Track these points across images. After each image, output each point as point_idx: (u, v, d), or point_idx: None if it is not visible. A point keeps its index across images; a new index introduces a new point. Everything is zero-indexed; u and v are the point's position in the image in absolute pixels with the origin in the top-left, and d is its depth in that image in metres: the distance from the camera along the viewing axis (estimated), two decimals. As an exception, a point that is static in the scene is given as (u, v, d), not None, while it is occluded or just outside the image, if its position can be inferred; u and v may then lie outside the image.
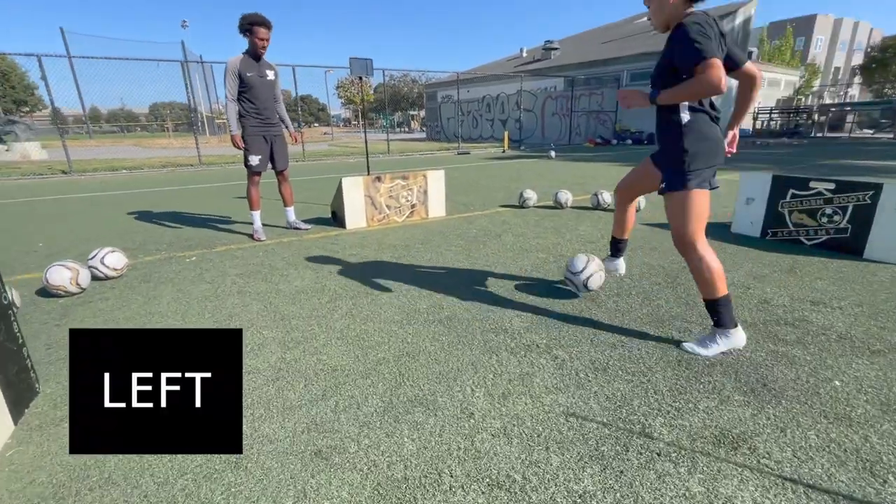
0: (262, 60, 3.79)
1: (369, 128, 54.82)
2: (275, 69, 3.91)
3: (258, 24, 3.59)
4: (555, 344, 2.05)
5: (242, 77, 3.67)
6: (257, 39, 3.63)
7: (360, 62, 4.82)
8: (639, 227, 4.19)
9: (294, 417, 1.56)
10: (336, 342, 2.10)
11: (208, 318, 2.39)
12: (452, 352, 1.99)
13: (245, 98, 3.75)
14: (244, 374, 1.84)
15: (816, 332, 2.11)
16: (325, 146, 21.00)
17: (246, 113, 3.77)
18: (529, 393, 1.68)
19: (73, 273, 2.65)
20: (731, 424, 1.49)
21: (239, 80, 3.68)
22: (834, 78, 44.77)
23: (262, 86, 3.79)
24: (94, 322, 2.36)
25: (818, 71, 36.13)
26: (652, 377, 1.77)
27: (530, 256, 3.38)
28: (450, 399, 1.66)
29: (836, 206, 3.28)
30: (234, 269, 3.19)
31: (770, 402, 1.60)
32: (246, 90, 3.72)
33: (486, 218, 4.82)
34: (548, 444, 1.41)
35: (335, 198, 4.57)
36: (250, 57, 3.72)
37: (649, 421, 1.51)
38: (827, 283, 2.73)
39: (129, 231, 4.50)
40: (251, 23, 3.58)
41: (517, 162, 12.03)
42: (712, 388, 1.69)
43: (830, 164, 9.92)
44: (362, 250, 3.65)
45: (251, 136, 3.83)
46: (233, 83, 3.67)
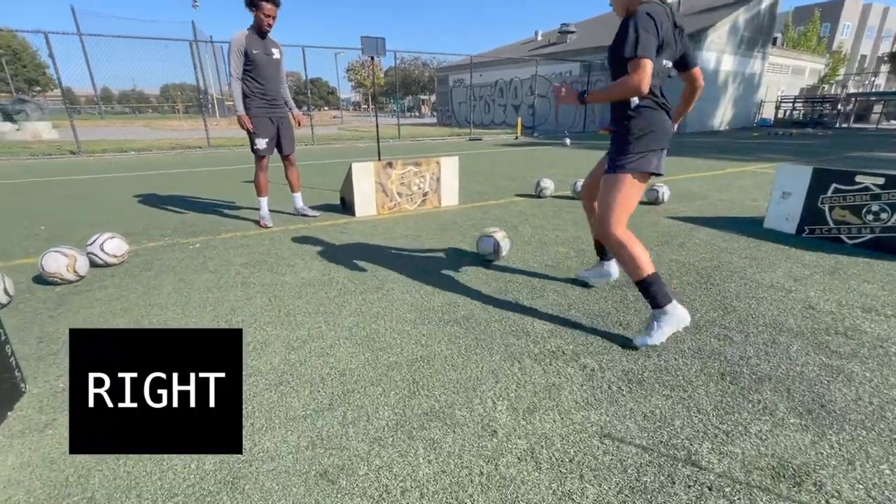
0: (268, 38, 3.59)
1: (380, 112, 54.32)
2: (280, 48, 3.71)
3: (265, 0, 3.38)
4: (582, 351, 1.87)
5: (248, 54, 3.46)
6: (263, 15, 3.42)
7: (372, 41, 4.58)
8: (664, 222, 3.97)
9: (298, 430, 1.42)
10: (344, 342, 1.95)
11: (209, 312, 2.25)
12: (471, 357, 1.83)
13: (250, 77, 3.55)
14: (245, 376, 1.69)
15: (872, 345, 1.91)
16: (334, 130, 20.75)
17: (251, 93, 3.56)
18: (558, 408, 1.52)
19: (69, 260, 2.52)
20: (790, 453, 1.31)
21: (244, 58, 3.47)
22: (860, 66, 43.15)
23: (269, 64, 3.59)
24: (90, 313, 2.23)
25: (845, 59, 34.78)
26: (693, 393, 1.59)
27: (550, 251, 3.19)
28: (469, 413, 1.50)
29: (885, 202, 3.03)
30: (238, 258, 3.04)
31: (831, 426, 1.42)
32: (251, 68, 3.52)
33: (502, 208, 4.62)
34: (581, 472, 1.25)
35: (344, 184, 4.39)
36: (255, 33, 3.51)
37: (695, 446, 1.34)
38: (876, 287, 2.51)
39: (133, 215, 4.37)
40: None
41: (531, 149, 11.72)
42: (763, 408, 1.51)
43: (861, 156, 9.49)
44: (373, 240, 3.48)
45: (257, 117, 3.63)
46: (238, 60, 3.46)
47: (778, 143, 13.38)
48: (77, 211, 4.59)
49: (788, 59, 24.62)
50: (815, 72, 27.28)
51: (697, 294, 2.43)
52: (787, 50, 26.09)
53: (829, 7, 40.40)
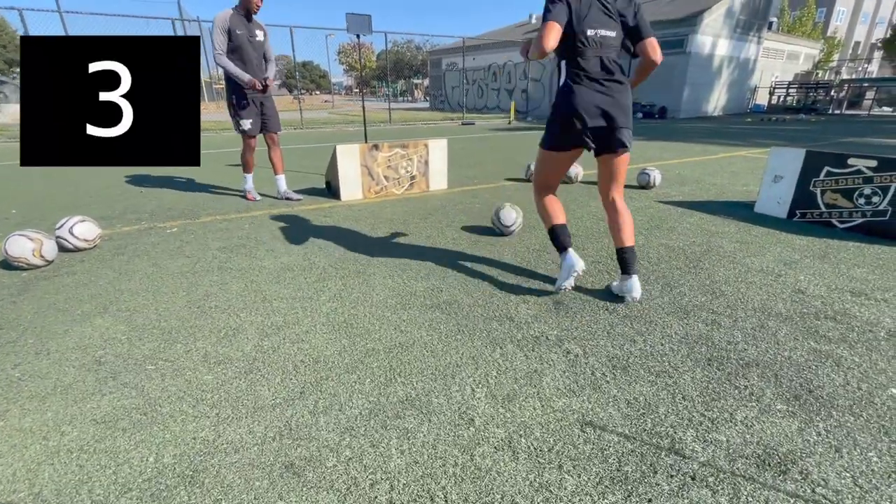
0: (254, 20, 3.57)
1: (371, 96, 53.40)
2: (264, 29, 3.69)
3: None
4: (567, 336, 1.81)
5: (231, 34, 3.44)
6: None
7: (357, 19, 4.39)
8: (655, 206, 3.91)
9: (266, 420, 1.35)
10: (321, 328, 1.88)
11: (182, 297, 2.16)
12: (451, 343, 1.77)
13: (233, 59, 3.49)
14: (214, 364, 1.62)
15: (862, 329, 1.87)
16: (324, 114, 20.37)
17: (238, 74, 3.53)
18: (538, 395, 1.46)
19: (35, 244, 2.41)
20: (776, 441, 1.26)
21: (228, 37, 3.42)
22: (854, 53, 43.01)
23: (252, 46, 3.57)
24: (55, 299, 2.13)
25: (839, 44, 34.63)
26: (679, 378, 1.55)
27: (537, 234, 3.12)
28: (447, 400, 1.44)
29: (877, 185, 2.99)
30: (216, 242, 2.94)
31: (819, 412, 1.38)
32: (235, 49, 3.48)
33: (491, 192, 4.53)
34: (561, 462, 1.19)
35: (329, 167, 4.27)
36: (242, 14, 3.49)
37: (679, 434, 1.29)
38: (866, 270, 2.47)
39: (112, 198, 4.23)
40: None
41: (524, 134, 11.58)
42: (749, 394, 1.47)
43: (854, 141, 9.47)
44: (356, 224, 3.38)
45: (241, 98, 3.60)
46: (222, 38, 3.42)
47: (771, 128, 13.33)
48: (54, 194, 4.43)
49: (783, 45, 24.44)
50: (810, 57, 27.15)
51: (686, 278, 2.38)
52: (782, 35, 25.88)
53: (826, -9, 40.02)
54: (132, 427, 1.31)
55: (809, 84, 23.04)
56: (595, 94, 1.87)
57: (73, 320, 1.93)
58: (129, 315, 1.98)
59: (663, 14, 18.28)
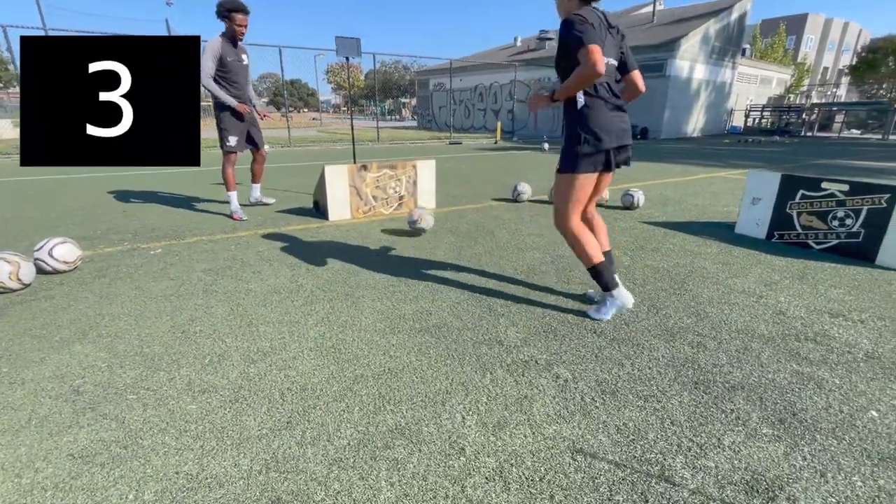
0: (239, 45, 3.85)
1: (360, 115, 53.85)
2: (247, 53, 3.98)
3: (236, 11, 3.62)
4: (556, 360, 1.82)
5: (223, 61, 3.72)
6: (236, 26, 3.67)
7: (346, 42, 4.48)
8: (639, 227, 3.99)
9: (252, 452, 1.31)
10: (308, 354, 1.85)
11: (166, 322, 2.11)
12: (441, 368, 1.76)
13: (224, 81, 3.81)
14: (198, 392, 1.58)
15: (841, 350, 1.92)
16: (312, 132, 20.44)
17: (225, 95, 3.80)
18: (529, 422, 1.46)
19: (13, 267, 2.34)
20: (763, 466, 1.28)
21: (219, 64, 3.71)
22: (822, 78, 45.13)
23: (240, 70, 3.86)
24: (31, 325, 2.07)
25: (809, 70, 36.32)
26: (667, 403, 1.56)
27: (526, 256, 3.15)
28: (437, 429, 1.42)
29: (850, 208, 3.10)
30: (201, 264, 2.90)
31: (803, 436, 1.40)
32: (225, 73, 3.77)
33: (479, 212, 4.57)
34: (552, 492, 1.19)
35: (317, 187, 4.27)
36: (228, 41, 3.74)
37: (668, 460, 1.30)
38: (842, 291, 2.55)
39: (93, 218, 4.15)
40: (229, 9, 3.61)
41: (510, 154, 11.78)
42: (736, 418, 1.48)
43: (825, 163, 9.85)
44: (345, 245, 3.38)
45: (229, 117, 3.83)
46: (211, 64, 3.68)
47: (747, 150, 13.80)
48: (33, 214, 4.33)
49: (756, 70, 25.53)
50: (782, 82, 28.38)
51: (671, 300, 2.42)
52: (755, 60, 27.06)
53: (794, 20, 42.14)
54: (111, 462, 1.27)
55: (782, 108, 24.07)
56: (614, 115, 1.95)
57: (51, 347, 1.87)
58: (110, 341, 1.93)
59: (643, 40, 18.98)
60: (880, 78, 22.71)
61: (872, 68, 22.62)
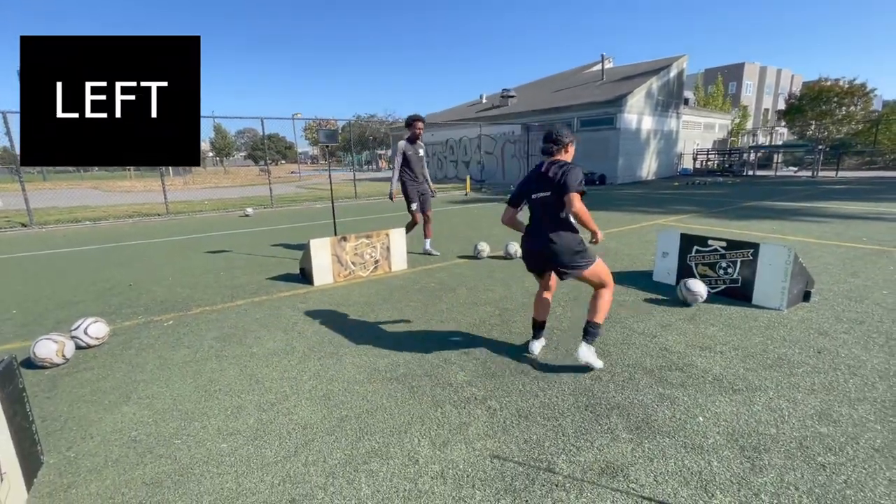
0: (417, 142, 5.75)
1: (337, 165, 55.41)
2: (423, 147, 5.92)
3: (416, 121, 5.64)
4: (490, 395, 2.48)
5: (405, 156, 5.66)
6: (416, 130, 5.67)
7: (327, 132, 5.43)
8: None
9: (271, 472, 1.91)
10: (305, 402, 2.46)
11: (190, 384, 2.69)
12: (405, 407, 2.39)
13: (407, 168, 5.70)
14: (226, 435, 2.17)
15: (698, 375, 2.65)
16: (293, 188, 21.27)
17: (407, 178, 5.73)
18: (465, 440, 2.10)
19: (59, 346, 2.90)
20: (615, 458, 1.95)
21: (403, 158, 5.65)
22: (765, 119, 49.44)
23: (416, 159, 5.75)
24: (82, 392, 2.62)
25: (748, 114, 39.98)
26: (563, 421, 2.23)
27: (479, 310, 3.86)
28: (400, 449, 2.05)
29: (729, 260, 3.96)
30: (210, 333, 3.49)
31: (648, 437, 2.09)
32: (408, 164, 5.68)
33: (445, 270, 5.30)
34: (474, 483, 1.82)
35: (304, 257, 4.94)
36: (409, 141, 5.70)
37: (554, 459, 1.96)
38: (717, 328, 3.32)
39: (103, 293, 4.68)
40: (413, 120, 5.64)
41: (477, 207, 12.75)
42: (607, 428, 2.16)
43: (755, 205, 11.14)
44: (329, 309, 4.02)
45: (411, 191, 5.75)
46: (399, 159, 5.68)
47: (691, 192, 15.23)
48: (44, 291, 4.83)
49: (700, 117, 28.18)
50: (724, 126, 31.23)
51: (586, 343, 3.13)
52: (698, 109, 29.87)
53: (733, 68, 46.69)
54: (175, 486, 1.84)
55: (725, 150, 26.51)
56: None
57: (104, 409, 2.43)
58: (150, 402, 2.50)
59: (594, 96, 21.00)
60: (807, 120, 25.36)
61: (800, 112, 25.31)
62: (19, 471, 1.76)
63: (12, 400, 1.80)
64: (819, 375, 2.59)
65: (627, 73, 23.61)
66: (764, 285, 3.74)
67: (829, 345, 2.99)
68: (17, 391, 1.86)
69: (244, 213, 11.85)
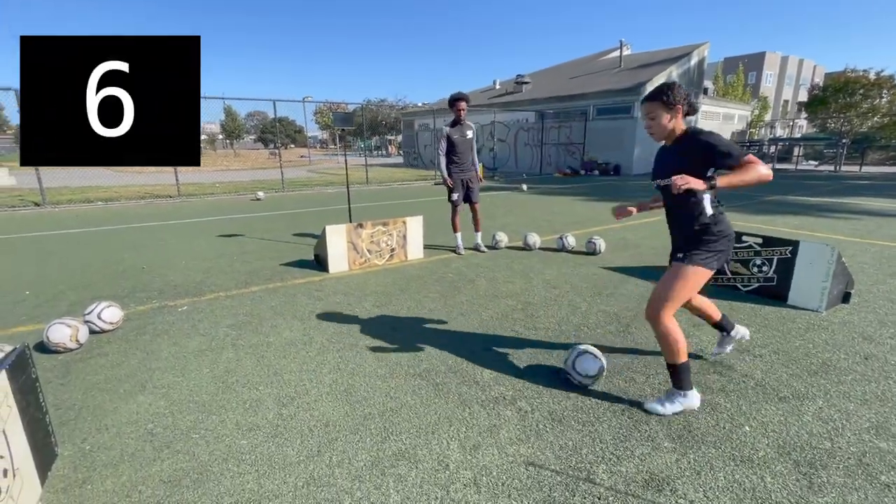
0: (463, 123, 5.17)
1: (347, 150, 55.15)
2: (473, 128, 5.30)
3: (458, 100, 5.06)
4: (519, 395, 2.36)
5: (450, 140, 5.13)
6: (458, 111, 5.07)
7: (342, 116, 5.23)
8: (599, 273, 4.61)
9: (294, 473, 1.81)
10: (326, 397, 2.36)
11: (206, 374, 2.60)
12: (430, 406, 2.28)
13: (453, 154, 5.17)
14: (245, 430, 2.07)
15: (738, 380, 2.50)
16: (304, 172, 21.15)
17: (450, 163, 5.23)
18: (496, 444, 1.98)
19: (72, 330, 2.82)
20: (659, 469, 1.82)
21: (448, 142, 5.14)
22: (784, 110, 48.18)
23: (462, 143, 5.20)
24: (97, 379, 2.54)
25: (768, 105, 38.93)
26: (599, 426, 2.10)
27: (500, 303, 3.72)
28: (428, 452, 1.94)
29: (764, 258, 3.77)
30: (225, 320, 3.39)
31: (692, 446, 1.95)
32: (452, 148, 5.16)
33: (462, 260, 5.16)
34: (510, 492, 1.71)
35: (318, 243, 4.82)
36: (453, 123, 5.15)
37: (594, 468, 1.83)
38: (754, 329, 3.16)
39: (115, 276, 4.61)
40: (455, 99, 5.06)
41: (490, 195, 12.54)
42: (647, 436, 2.03)
43: (779, 199, 10.82)
44: (345, 298, 3.91)
45: (455, 179, 5.25)
46: (443, 144, 5.18)
47: (712, 185, 14.84)
48: (57, 272, 4.78)
49: (719, 108, 27.42)
50: (744, 118, 30.42)
51: (616, 342, 2.99)
52: (717, 99, 29.08)
53: (754, 58, 45.37)
54: (193, 484, 1.75)
55: (743, 142, 25.79)
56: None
57: (119, 398, 2.35)
58: (166, 391, 2.41)
59: (611, 84, 20.48)
60: (830, 113, 24.61)
61: (823, 104, 24.56)
62: (33, 465, 1.68)
63: (25, 391, 1.71)
64: (870, 384, 2.44)
65: (646, 60, 22.97)
66: (801, 285, 3.56)
67: (877, 351, 2.82)
68: (30, 381, 1.77)
69: (255, 196, 11.77)
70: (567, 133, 21.43)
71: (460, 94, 5.09)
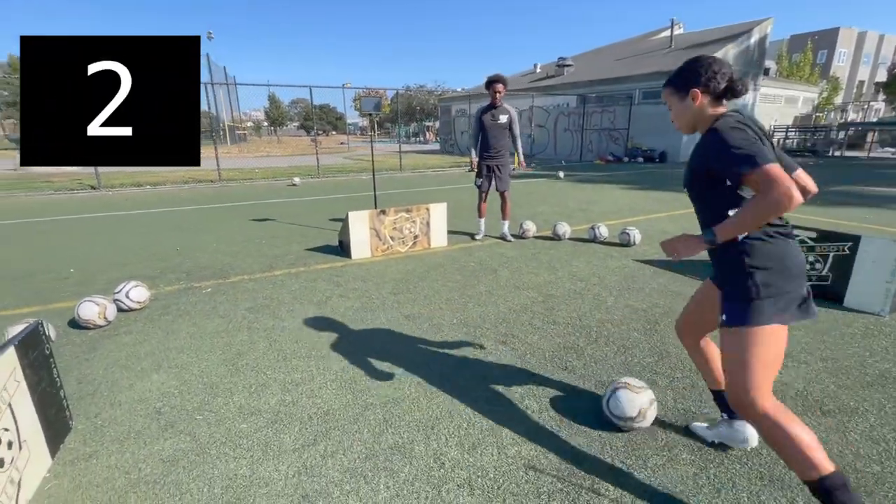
0: (499, 107, 4.91)
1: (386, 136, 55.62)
2: (510, 113, 5.00)
3: (494, 82, 4.83)
4: (528, 393, 2.24)
5: (482, 123, 4.98)
6: (494, 93, 4.84)
7: (370, 100, 5.14)
8: (631, 266, 4.34)
9: (288, 461, 1.79)
10: (331, 385, 2.33)
11: (219, 355, 2.65)
12: (433, 398, 2.20)
13: (485, 138, 5.00)
14: (247, 415, 2.08)
15: (776, 389, 2.24)
16: (340, 159, 21.49)
17: (481, 147, 5.06)
18: (497, 444, 1.88)
19: (101, 308, 2.95)
20: (673, 483, 1.66)
21: (479, 126, 5.00)
22: (858, 91, 43.85)
23: (494, 127, 4.97)
24: (118, 356, 2.64)
25: (839, 86, 35.51)
26: (611, 431, 1.95)
27: (521, 295, 3.58)
28: (425, 447, 1.86)
29: (818, 254, 3.40)
30: (245, 303, 3.46)
31: (713, 460, 1.77)
32: (483, 132, 4.98)
33: (486, 249, 5.03)
34: (504, 497, 1.60)
35: (342, 229, 4.83)
36: (487, 107, 4.97)
37: (600, 477, 1.69)
38: (802, 333, 2.86)
39: (151, 257, 4.83)
40: (491, 81, 4.84)
41: (525, 183, 12.20)
42: (664, 445, 1.86)
43: (840, 190, 9.86)
44: (364, 284, 3.89)
45: (481, 164, 5.12)
46: (475, 126, 5.06)
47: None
48: (101, 252, 5.06)
49: (780, 90, 25.30)
50: (809, 100, 27.91)
51: (640, 340, 2.79)
52: (779, 80, 26.83)
53: (825, 35, 41.41)
54: (190, 465, 1.77)
55: (807, 128, 23.65)
56: (793, 243, 1.42)
57: (136, 376, 2.43)
58: (178, 371, 2.47)
59: (660, 66, 19.30)
60: (914, 94, 22.11)
61: (906, 84, 22.09)
62: (42, 438, 1.75)
63: (36, 367, 1.78)
64: (936, 402, 2.13)
65: (699, 39, 21.46)
66: (861, 285, 3.18)
67: (948, 363, 2.47)
68: (42, 357, 1.83)
69: (291, 182, 12.05)
70: (610, 118, 20.50)
71: (497, 76, 4.86)
